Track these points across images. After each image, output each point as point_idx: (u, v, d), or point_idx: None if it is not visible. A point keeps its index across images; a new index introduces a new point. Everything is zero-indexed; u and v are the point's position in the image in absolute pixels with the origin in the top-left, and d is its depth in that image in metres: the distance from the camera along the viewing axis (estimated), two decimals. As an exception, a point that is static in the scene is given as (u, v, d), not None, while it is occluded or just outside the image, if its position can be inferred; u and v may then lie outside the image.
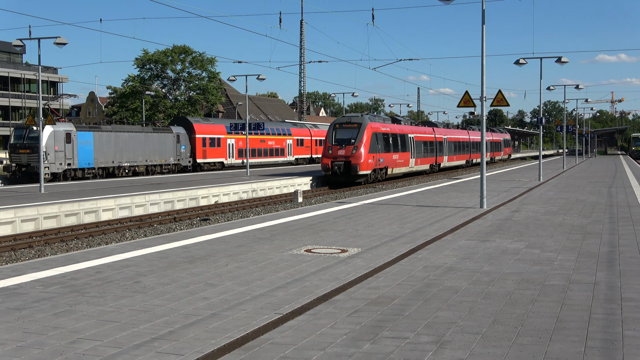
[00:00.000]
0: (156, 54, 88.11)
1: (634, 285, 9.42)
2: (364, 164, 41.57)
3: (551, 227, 16.05)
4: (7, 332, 7.28)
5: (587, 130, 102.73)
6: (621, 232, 15.03)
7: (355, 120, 44.42)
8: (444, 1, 20.37)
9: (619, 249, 12.64)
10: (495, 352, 6.42)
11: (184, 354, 6.48)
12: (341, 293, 9.03)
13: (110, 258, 12.09)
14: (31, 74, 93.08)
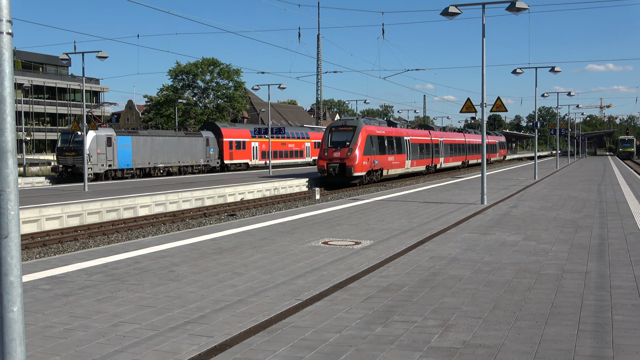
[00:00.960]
0: (187, 65, 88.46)
1: (622, 274, 9.37)
2: (358, 166, 39.54)
3: (546, 221, 15.97)
4: (55, 316, 7.34)
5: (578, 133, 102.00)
6: (610, 226, 14.94)
7: (350, 123, 42.31)
8: (447, 16, 20.30)
9: (608, 241, 12.57)
10: (496, 334, 6.42)
11: (213, 335, 6.51)
12: (355, 281, 9.04)
13: (147, 250, 12.16)
14: (76, 84, 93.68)
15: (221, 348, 6.11)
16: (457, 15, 20.28)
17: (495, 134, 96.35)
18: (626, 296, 7.99)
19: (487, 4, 20.45)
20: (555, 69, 34.73)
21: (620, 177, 39.42)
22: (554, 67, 34.69)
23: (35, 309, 7.62)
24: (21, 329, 4.54)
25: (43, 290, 8.73)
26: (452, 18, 20.51)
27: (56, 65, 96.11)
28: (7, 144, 4.48)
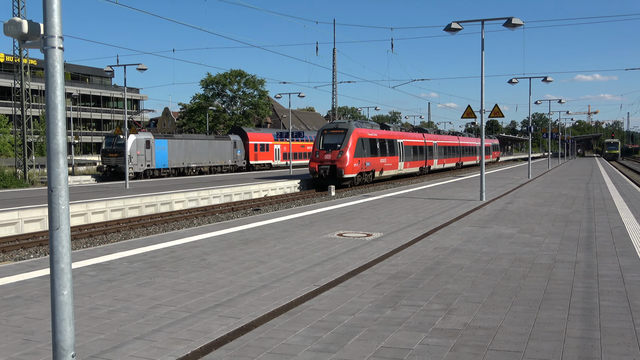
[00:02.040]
0: (217, 76, 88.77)
1: (608, 264, 9.29)
2: (349, 168, 36.38)
3: (539, 216, 15.87)
4: (100, 299, 7.41)
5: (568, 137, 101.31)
6: (597, 220, 14.82)
7: (342, 126, 38.74)
8: (450, 32, 20.23)
9: (595, 234, 12.46)
10: (494, 317, 6.39)
11: (240, 317, 6.53)
12: (367, 269, 9.04)
13: (181, 240, 12.22)
14: (118, 93, 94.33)
15: (247, 328, 6.13)
16: (458, 31, 20.22)
17: (489, 138, 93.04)
18: (612, 284, 7.92)
19: (486, 21, 20.38)
20: (547, 79, 34.52)
21: (606, 176, 39.09)
22: (546, 77, 34.49)
23: (82, 293, 7.69)
24: (70, 311, 4.58)
25: (89, 276, 8.80)
26: (454, 33, 20.45)
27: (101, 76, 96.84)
28: (58, 146, 4.52)
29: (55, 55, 4.50)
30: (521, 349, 5.43)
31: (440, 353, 5.35)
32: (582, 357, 5.21)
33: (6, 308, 7.06)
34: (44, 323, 6.40)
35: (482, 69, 21.14)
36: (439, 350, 5.43)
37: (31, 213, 20.23)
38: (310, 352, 5.42)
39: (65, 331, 4.54)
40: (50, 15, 4.46)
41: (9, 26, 4.47)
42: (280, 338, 5.80)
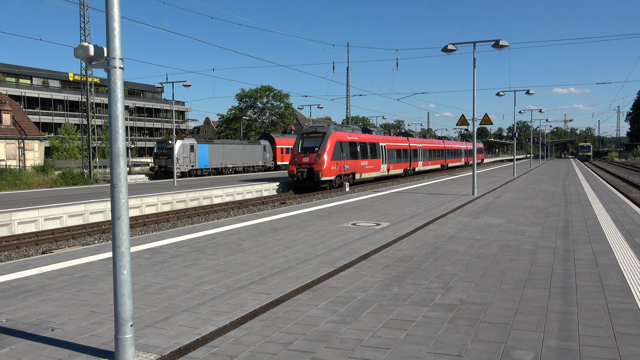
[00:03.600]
0: (250, 91, 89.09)
1: (583, 249, 9.17)
2: (326, 171, 31.67)
3: (523, 208, 15.70)
4: (153, 278, 7.46)
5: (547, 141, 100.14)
6: (573, 212, 14.63)
7: (320, 130, 33.80)
8: (446, 52, 20.09)
9: (571, 224, 12.30)
10: (486, 294, 6.33)
11: (270, 293, 6.53)
12: (377, 253, 9.00)
13: (220, 229, 12.27)
14: (167, 106, 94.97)
15: (276, 302, 6.13)
16: (454, 51, 20.08)
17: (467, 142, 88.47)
18: (586, 266, 7.82)
19: (477, 43, 20.21)
20: (530, 92, 34.22)
21: (580, 174, 38.60)
22: (528, 91, 34.19)
23: (138, 272, 7.75)
24: (129, 287, 4.62)
25: (144, 258, 8.87)
26: (450, 53, 20.32)
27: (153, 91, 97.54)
28: (119, 150, 4.55)
29: (117, 74, 4.53)
30: (509, 321, 5.38)
31: (440, 324, 5.31)
32: (561, 328, 5.15)
33: (76, 285, 7.14)
34: (106, 297, 6.46)
35: (474, 83, 20.98)
36: (439, 322, 5.39)
37: (95, 206, 20.44)
38: (330, 322, 5.42)
39: (125, 304, 4.58)
40: (112, 41, 4.49)
41: (78, 50, 4.52)
42: (304, 311, 5.80)
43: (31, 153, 50.30)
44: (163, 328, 5.32)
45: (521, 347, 4.71)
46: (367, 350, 4.68)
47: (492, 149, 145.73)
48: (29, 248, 15.05)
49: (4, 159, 47.49)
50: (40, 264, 8.53)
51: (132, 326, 4.58)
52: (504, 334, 5.03)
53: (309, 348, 4.75)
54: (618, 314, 5.58)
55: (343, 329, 5.23)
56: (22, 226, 17.59)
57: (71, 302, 6.31)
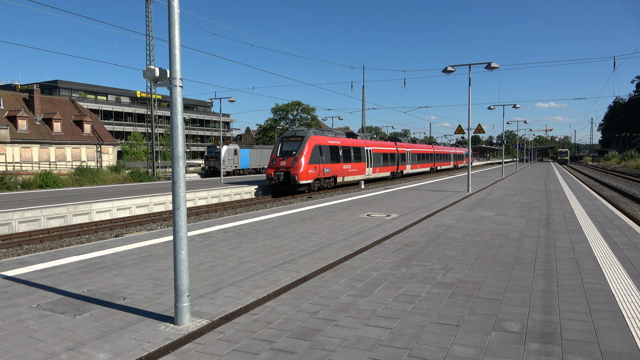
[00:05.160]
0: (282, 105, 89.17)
1: (562, 238, 8.97)
2: (303, 174, 26.70)
3: (510, 203, 15.43)
4: (205, 257, 7.52)
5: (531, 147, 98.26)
6: (553, 207, 14.32)
7: (299, 134, 28.50)
8: (446, 73, 19.84)
9: (552, 217, 12.05)
10: (479, 275, 6.24)
11: (300, 271, 6.54)
12: (388, 239, 8.94)
13: (259, 218, 12.32)
14: (215, 117, 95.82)
15: (305, 279, 6.13)
16: (452, 72, 19.82)
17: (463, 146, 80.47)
18: (565, 252, 7.64)
19: (472, 65, 19.92)
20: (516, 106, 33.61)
21: (559, 175, 37.76)
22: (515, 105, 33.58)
23: (193, 253, 7.83)
24: (186, 265, 4.67)
25: (197, 241, 8.96)
26: (449, 74, 20.05)
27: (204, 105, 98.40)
28: (179, 153, 4.60)
29: (177, 91, 4.58)
30: (499, 297, 5.29)
31: (441, 299, 5.25)
32: (544, 305, 5.04)
33: (142, 262, 7.25)
34: (167, 273, 6.54)
35: (469, 99, 20.69)
36: (440, 297, 5.33)
37: (158, 199, 20.71)
38: (349, 296, 5.40)
39: (183, 278, 4.63)
40: (174, 64, 4.54)
41: (147, 72, 4.58)
42: (328, 286, 5.79)
43: (106, 156, 51.26)
44: (213, 298, 5.37)
45: (510, 319, 4.62)
46: (380, 319, 4.66)
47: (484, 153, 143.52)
48: (104, 232, 15.32)
49: (85, 160, 48.49)
50: (114, 245, 8.68)
51: (188, 296, 4.63)
52: (495, 308, 4.95)
53: (332, 317, 4.74)
54: (593, 293, 5.44)
55: (360, 301, 5.20)
56: (99, 215, 17.92)
57: (139, 276, 6.41)
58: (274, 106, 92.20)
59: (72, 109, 51.25)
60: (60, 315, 4.87)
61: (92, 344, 4.15)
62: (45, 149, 45.24)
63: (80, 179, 31.26)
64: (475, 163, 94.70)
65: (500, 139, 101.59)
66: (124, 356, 3.92)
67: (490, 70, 19.27)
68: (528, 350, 3.93)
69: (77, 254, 7.89)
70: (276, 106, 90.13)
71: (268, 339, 4.23)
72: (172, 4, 4.52)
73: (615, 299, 5.20)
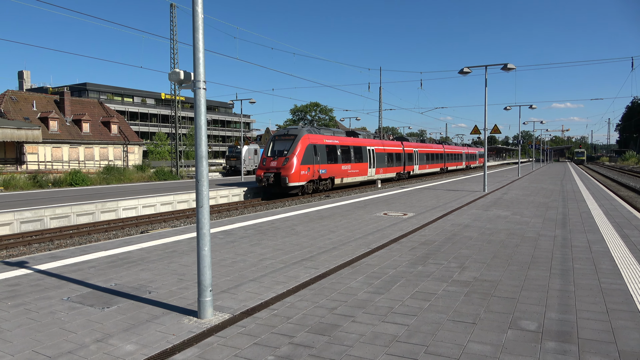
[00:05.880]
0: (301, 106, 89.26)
1: (579, 238, 8.79)
2: (294, 175, 23.89)
3: (526, 203, 15.18)
4: (226, 254, 7.58)
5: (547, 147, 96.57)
6: (569, 207, 14.05)
7: (292, 132, 25.70)
8: (462, 74, 19.61)
9: (568, 217, 11.82)
10: (495, 274, 6.16)
11: (318, 268, 6.54)
12: (404, 238, 8.89)
13: (278, 216, 12.37)
14: (236, 118, 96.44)
15: (323, 276, 6.14)
16: (468, 73, 19.59)
17: (476, 146, 76.43)
18: (582, 252, 7.49)
19: (488, 66, 19.65)
20: (532, 106, 33.00)
21: (576, 175, 37.02)
22: (531, 105, 32.99)
23: (215, 249, 7.90)
24: (209, 261, 4.71)
25: (219, 238, 9.03)
26: (465, 75, 19.82)
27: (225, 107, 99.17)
28: (202, 152, 4.65)
29: (201, 93, 4.63)
30: (516, 296, 5.21)
31: (457, 297, 5.20)
32: (561, 304, 4.95)
33: (167, 258, 7.35)
34: (191, 268, 6.61)
35: (485, 99, 20.43)
36: (456, 295, 5.28)
37: (182, 197, 20.95)
38: (367, 293, 5.38)
39: (206, 274, 4.68)
40: (198, 67, 4.59)
41: (172, 75, 4.63)
42: (346, 283, 5.78)
43: (132, 155, 52.08)
44: (234, 293, 5.41)
45: (526, 317, 4.55)
46: (397, 316, 4.63)
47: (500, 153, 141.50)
48: (131, 229, 15.57)
49: (112, 159, 49.36)
50: (140, 241, 8.82)
51: (211, 291, 4.67)
52: (511, 306, 4.88)
53: (349, 313, 4.74)
54: (610, 293, 5.32)
55: (377, 298, 5.19)
56: (125, 212, 18.22)
57: (164, 271, 6.50)
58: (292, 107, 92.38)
59: (100, 111, 52.20)
60: (89, 308, 4.97)
61: (119, 336, 4.23)
62: (75, 148, 46.17)
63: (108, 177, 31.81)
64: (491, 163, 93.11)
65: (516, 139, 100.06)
66: (150, 348, 3.98)
67: (506, 71, 18.99)
68: (545, 349, 3.86)
69: (105, 249, 8.04)
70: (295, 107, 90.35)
71: (288, 333, 4.24)
72: (197, 9, 4.56)
73: (634, 299, 5.08)
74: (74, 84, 72.74)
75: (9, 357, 3.82)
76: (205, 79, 4.69)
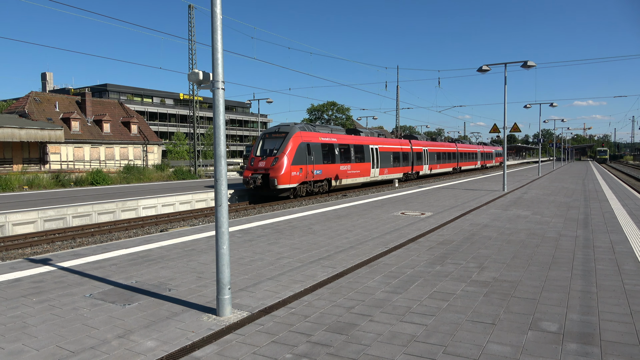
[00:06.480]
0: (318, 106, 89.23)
1: (601, 238, 8.62)
2: (284, 177, 21.70)
3: (547, 202, 14.94)
4: (245, 252, 7.63)
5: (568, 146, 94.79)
6: (591, 206, 13.77)
7: (283, 130, 23.36)
8: (481, 72, 19.38)
9: (590, 216, 11.59)
10: (515, 274, 6.08)
11: (336, 267, 6.55)
12: (422, 237, 8.83)
13: (295, 215, 12.40)
14: (254, 118, 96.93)
15: (341, 275, 6.14)
16: (487, 71, 19.35)
17: (492, 145, 72.15)
18: (604, 253, 7.35)
19: (507, 64, 19.39)
20: (553, 104, 32.42)
21: (598, 174, 36.26)
22: (552, 103, 32.41)
23: (233, 248, 7.96)
24: (228, 259, 4.76)
25: (237, 237, 9.10)
26: (484, 73, 19.58)
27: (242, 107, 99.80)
28: (221, 152, 4.69)
29: (219, 94, 4.67)
30: (536, 297, 5.14)
31: (476, 297, 5.15)
32: (583, 305, 4.87)
33: (186, 256, 7.44)
34: (209, 266, 6.68)
35: (504, 97, 20.16)
36: (475, 295, 5.23)
37: (200, 196, 21.16)
38: (384, 292, 5.37)
39: (224, 272, 4.72)
40: (216, 68, 4.63)
41: (191, 75, 4.69)
42: (363, 282, 5.78)
43: (152, 155, 52.83)
44: (252, 292, 5.45)
45: (547, 319, 4.49)
46: (415, 315, 4.61)
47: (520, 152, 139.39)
48: (150, 227, 15.79)
49: (132, 159, 50.14)
50: (160, 240, 8.94)
51: (229, 289, 4.72)
52: (532, 307, 4.81)
53: (367, 312, 4.73)
54: (634, 294, 5.21)
55: (395, 297, 5.17)
56: (145, 210, 18.50)
57: (183, 269, 6.58)
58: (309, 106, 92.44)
59: (120, 111, 53.07)
60: (111, 305, 5.07)
61: (140, 332, 4.30)
62: (96, 148, 47.03)
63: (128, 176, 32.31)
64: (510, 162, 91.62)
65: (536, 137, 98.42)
66: (170, 344, 4.04)
67: (526, 68, 18.71)
68: (566, 351, 3.80)
69: (126, 247, 8.17)
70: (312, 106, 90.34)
71: (305, 332, 4.26)
72: (215, 10, 4.61)
73: (658, 301, 4.96)
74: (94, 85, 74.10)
75: (34, 352, 3.92)
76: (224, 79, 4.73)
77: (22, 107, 43.99)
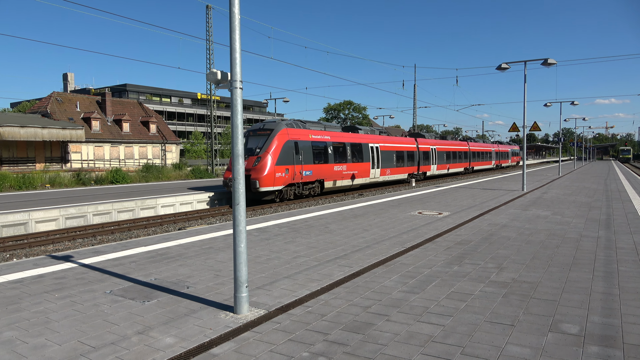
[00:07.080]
0: (334, 105, 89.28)
1: (623, 239, 8.44)
2: (267, 178, 19.58)
3: (568, 202, 14.68)
4: (261, 250, 7.68)
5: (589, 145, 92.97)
6: (614, 207, 13.49)
7: (268, 126, 21.04)
8: (500, 70, 19.13)
9: (613, 217, 11.36)
10: (535, 275, 5.99)
11: (352, 266, 6.54)
12: (439, 237, 8.77)
13: (312, 214, 12.43)
14: (270, 117, 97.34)
15: (357, 274, 6.14)
16: (507, 69, 19.09)
17: (509, 144, 68.44)
18: (627, 254, 7.19)
19: (527, 61, 19.10)
20: (574, 102, 31.83)
21: (621, 174, 35.49)
22: (573, 102, 31.82)
23: (250, 246, 8.02)
24: (245, 257, 4.79)
25: (254, 235, 9.16)
26: (503, 71, 19.32)
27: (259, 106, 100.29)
28: (239, 151, 4.73)
29: (237, 93, 4.71)
30: (556, 298, 5.06)
31: (495, 298, 5.10)
32: (604, 307, 4.77)
33: (204, 254, 7.52)
34: (227, 265, 6.74)
35: (524, 96, 19.86)
36: (494, 296, 5.17)
37: (216, 195, 21.31)
38: (401, 292, 5.35)
39: (242, 270, 4.76)
40: (234, 67, 4.67)
41: (209, 75, 4.74)
42: (380, 282, 5.76)
43: (170, 154, 53.48)
44: (269, 290, 5.49)
45: (568, 320, 4.42)
46: (433, 316, 4.59)
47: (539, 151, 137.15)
48: (169, 225, 15.98)
49: (151, 158, 50.83)
50: (178, 238, 9.06)
51: (247, 287, 4.76)
52: (552, 309, 4.74)
53: (384, 312, 4.72)
54: (658, 297, 5.09)
55: (412, 297, 5.15)
56: (164, 209, 18.73)
57: (201, 267, 6.66)
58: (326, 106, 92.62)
59: (139, 111, 53.84)
60: (130, 301, 5.15)
61: (159, 329, 4.37)
62: (116, 147, 47.80)
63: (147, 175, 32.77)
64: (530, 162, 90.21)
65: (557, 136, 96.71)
66: (188, 341, 4.09)
67: (546, 66, 18.41)
68: (587, 353, 3.74)
69: (145, 245, 8.30)
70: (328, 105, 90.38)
71: (322, 330, 4.27)
72: (233, 10, 4.65)
73: (684, 304, 4.84)
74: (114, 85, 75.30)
75: (56, 347, 4.01)
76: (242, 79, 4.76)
77: (44, 107, 44.97)
